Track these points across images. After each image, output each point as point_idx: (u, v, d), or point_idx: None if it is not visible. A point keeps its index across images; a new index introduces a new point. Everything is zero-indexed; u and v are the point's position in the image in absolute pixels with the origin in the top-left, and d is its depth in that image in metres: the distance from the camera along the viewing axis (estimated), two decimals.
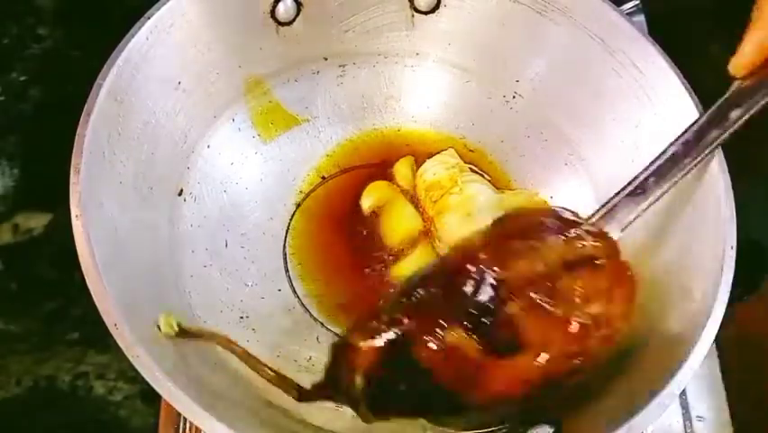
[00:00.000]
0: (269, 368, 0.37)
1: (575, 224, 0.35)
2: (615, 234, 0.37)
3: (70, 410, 0.52)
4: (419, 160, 0.52)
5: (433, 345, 0.31)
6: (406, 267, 0.48)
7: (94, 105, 0.38)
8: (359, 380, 0.32)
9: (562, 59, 0.48)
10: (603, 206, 0.38)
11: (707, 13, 0.62)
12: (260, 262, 0.48)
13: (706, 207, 0.41)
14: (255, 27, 0.47)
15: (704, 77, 0.43)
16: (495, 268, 0.32)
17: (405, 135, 0.54)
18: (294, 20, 0.48)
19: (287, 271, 0.49)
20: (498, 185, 0.52)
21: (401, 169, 0.52)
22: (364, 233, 0.50)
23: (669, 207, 0.43)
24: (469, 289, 0.32)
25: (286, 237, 0.49)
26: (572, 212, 0.36)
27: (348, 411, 0.42)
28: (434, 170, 0.50)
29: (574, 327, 0.32)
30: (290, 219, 0.50)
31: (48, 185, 0.56)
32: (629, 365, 0.40)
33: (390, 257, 0.49)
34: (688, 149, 0.38)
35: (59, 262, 0.54)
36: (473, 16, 0.49)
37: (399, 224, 0.50)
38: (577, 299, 0.33)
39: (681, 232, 0.42)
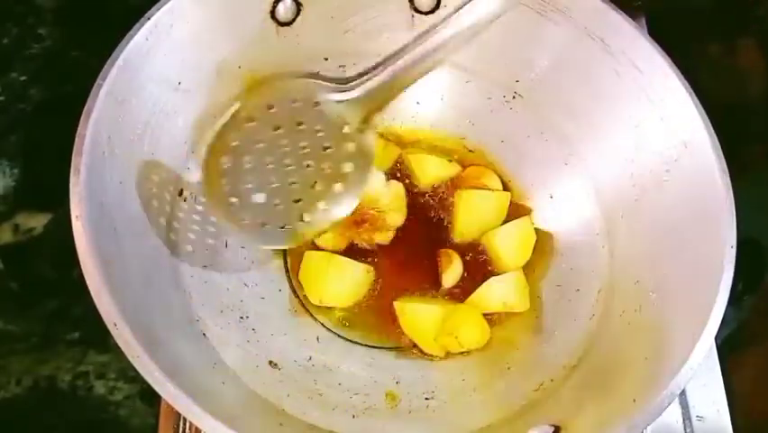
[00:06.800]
0: None
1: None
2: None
3: (70, 410, 0.51)
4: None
5: None
6: None
7: (94, 105, 0.38)
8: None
9: (561, 59, 0.48)
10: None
11: (707, 13, 0.62)
12: (260, 263, 0.48)
13: (706, 207, 0.41)
14: (255, 27, 0.46)
15: (704, 77, 0.43)
16: None
17: (405, 136, 0.54)
18: (294, 20, 0.48)
19: (287, 271, 0.49)
20: (498, 185, 0.52)
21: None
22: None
23: (669, 207, 0.43)
24: None
25: None
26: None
27: (347, 411, 0.42)
28: None
29: None
30: None
31: (48, 185, 0.56)
32: (629, 365, 0.40)
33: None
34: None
35: (59, 262, 0.54)
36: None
37: None
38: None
39: (681, 232, 0.42)
